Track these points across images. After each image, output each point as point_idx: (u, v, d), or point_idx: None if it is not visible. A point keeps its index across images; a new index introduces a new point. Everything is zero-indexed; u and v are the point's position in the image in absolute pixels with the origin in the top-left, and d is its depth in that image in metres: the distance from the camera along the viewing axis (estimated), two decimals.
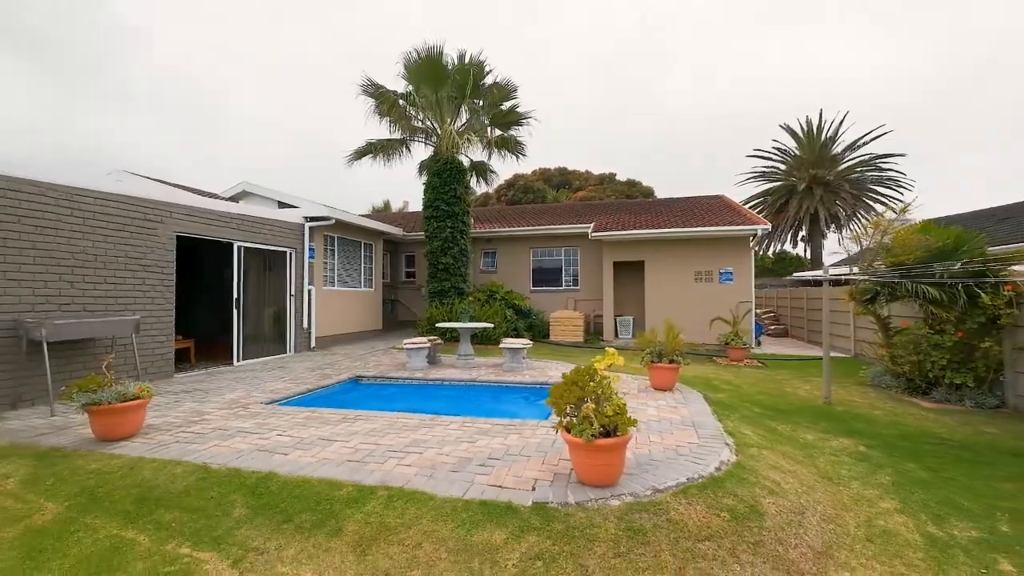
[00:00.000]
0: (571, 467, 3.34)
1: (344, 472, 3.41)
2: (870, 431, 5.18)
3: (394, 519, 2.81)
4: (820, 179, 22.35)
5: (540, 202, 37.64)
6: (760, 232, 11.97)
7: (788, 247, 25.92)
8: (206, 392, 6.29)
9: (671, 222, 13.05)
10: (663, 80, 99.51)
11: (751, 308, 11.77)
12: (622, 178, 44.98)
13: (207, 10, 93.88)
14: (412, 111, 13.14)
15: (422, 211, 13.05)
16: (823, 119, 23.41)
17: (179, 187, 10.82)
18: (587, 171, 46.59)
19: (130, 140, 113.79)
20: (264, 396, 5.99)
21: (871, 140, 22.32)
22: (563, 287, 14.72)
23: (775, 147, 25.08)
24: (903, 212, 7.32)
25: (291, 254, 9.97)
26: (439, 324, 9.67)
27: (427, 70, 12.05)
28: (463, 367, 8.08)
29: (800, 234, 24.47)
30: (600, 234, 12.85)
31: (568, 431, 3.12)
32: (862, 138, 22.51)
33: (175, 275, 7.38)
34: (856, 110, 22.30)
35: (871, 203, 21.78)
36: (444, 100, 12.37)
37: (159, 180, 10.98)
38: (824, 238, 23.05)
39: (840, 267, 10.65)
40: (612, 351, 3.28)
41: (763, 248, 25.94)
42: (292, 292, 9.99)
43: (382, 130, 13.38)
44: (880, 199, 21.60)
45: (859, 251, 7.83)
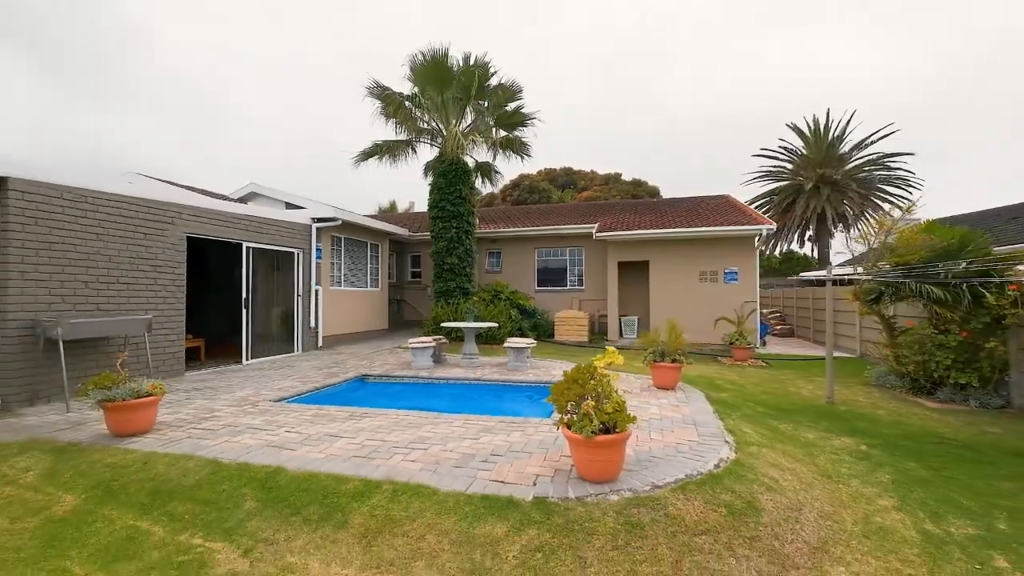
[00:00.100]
0: (572, 463, 3.41)
1: (350, 467, 3.50)
2: (872, 430, 5.19)
3: (399, 512, 2.89)
4: (827, 178, 22.18)
5: (545, 202, 37.68)
6: (765, 232, 11.96)
7: (795, 247, 25.76)
8: (216, 390, 6.42)
9: (675, 222, 13.05)
10: (663, 80, 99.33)
11: (755, 308, 11.76)
12: (627, 178, 44.90)
13: (207, 10, 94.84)
14: (418, 112, 13.25)
15: (428, 212, 13.16)
16: (830, 118, 23.22)
17: (188, 188, 11.00)
18: (592, 171, 46.57)
19: (130, 140, 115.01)
20: (272, 394, 6.11)
21: (879, 139, 22.13)
22: (568, 287, 14.77)
23: (781, 146, 24.92)
24: (907, 212, 7.31)
25: (299, 254, 10.11)
26: (444, 324, 9.77)
27: (433, 72, 12.16)
28: (468, 366, 8.17)
29: (807, 234, 24.30)
30: (605, 234, 12.89)
31: (569, 428, 3.18)
32: (869, 137, 22.31)
33: (186, 275, 7.53)
34: (857, 110, 22.07)
35: (879, 202, 21.60)
36: (449, 101, 12.46)
37: (169, 182, 11.17)
38: (831, 237, 22.88)
39: (847, 267, 10.62)
40: (612, 350, 3.34)
41: (770, 248, 25.79)
42: (299, 292, 10.12)
43: (388, 131, 13.50)
44: (888, 198, 21.42)
45: (864, 251, 7.82)
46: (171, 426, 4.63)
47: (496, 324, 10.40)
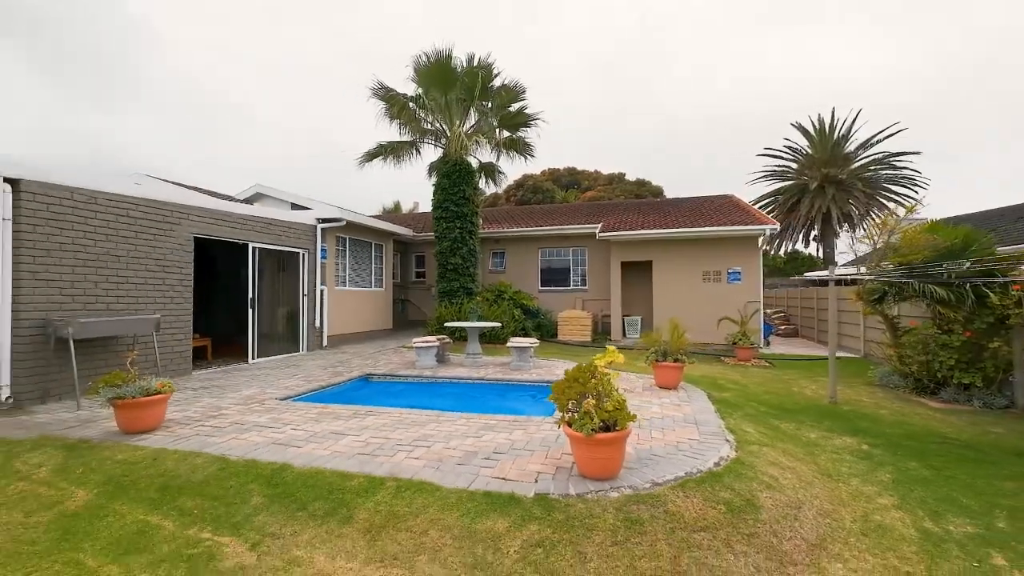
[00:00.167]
0: (573, 461, 3.45)
1: (355, 464, 3.56)
2: (875, 430, 5.20)
3: (402, 508, 2.95)
4: (832, 178, 22.02)
5: (549, 202, 37.69)
6: (769, 232, 11.95)
7: (800, 246, 25.63)
8: (223, 388, 6.51)
9: (679, 222, 13.06)
10: (663, 80, 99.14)
11: (759, 308, 11.75)
12: (631, 177, 44.82)
13: (207, 10, 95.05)
14: (422, 113, 13.32)
15: (432, 212, 13.23)
16: (835, 117, 23.06)
17: (195, 189, 11.13)
18: (596, 171, 46.50)
19: (129, 140, 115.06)
20: (278, 392, 6.19)
21: (884, 138, 21.98)
22: (571, 287, 14.80)
23: (786, 145, 24.73)
24: (910, 212, 7.30)
25: (304, 255, 10.20)
26: (448, 323, 9.83)
27: (436, 73, 12.22)
28: (471, 366, 8.22)
29: (812, 233, 24.18)
30: (608, 234, 12.91)
31: (570, 426, 3.23)
32: (875, 136, 22.15)
33: (193, 275, 7.63)
34: (862, 109, 21.89)
35: (885, 201, 21.46)
36: (453, 102, 12.53)
37: (176, 183, 11.30)
38: (837, 237, 22.75)
39: (851, 267, 10.60)
40: (612, 349, 3.38)
41: (774, 248, 25.68)
42: (305, 292, 10.22)
43: (392, 132, 13.68)
44: (894, 197, 21.30)
45: (868, 251, 7.81)
46: (179, 423, 4.72)
47: (499, 324, 10.46)
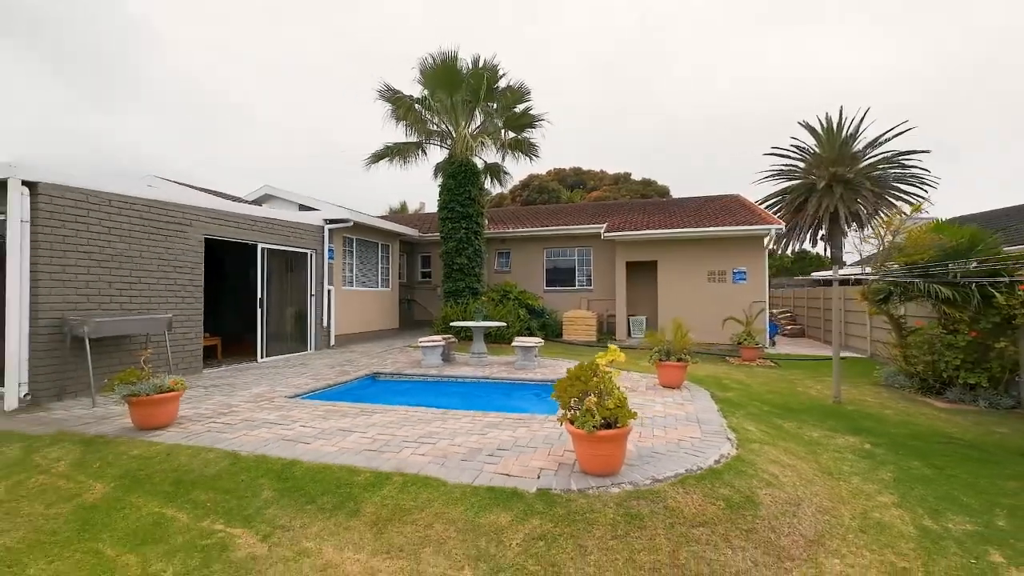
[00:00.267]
0: (575, 458, 3.51)
1: (362, 460, 3.65)
2: (878, 430, 5.21)
3: (408, 502, 3.03)
4: (840, 177, 21.92)
5: (554, 202, 37.73)
6: (774, 232, 11.91)
7: (808, 246, 25.48)
8: (233, 386, 6.64)
9: (684, 222, 13.06)
10: (663, 80, 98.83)
11: (764, 308, 11.73)
12: (637, 177, 44.73)
13: (207, 10, 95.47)
14: (428, 115, 13.42)
15: (438, 212, 13.33)
16: (843, 116, 22.95)
17: (205, 191, 11.31)
18: (602, 171, 46.47)
19: (129, 140, 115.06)
20: (287, 390, 6.30)
21: (894, 136, 21.82)
22: (576, 287, 14.84)
23: (793, 144, 24.66)
24: (915, 211, 7.28)
25: (312, 255, 10.34)
26: (454, 323, 9.92)
27: (442, 75, 12.32)
28: (476, 365, 8.30)
29: (820, 233, 24.04)
30: (613, 234, 12.94)
31: (572, 423, 3.29)
32: (884, 134, 22.01)
33: (203, 276, 7.77)
34: (870, 108, 21.80)
35: (893, 200, 21.30)
36: (459, 104, 12.61)
37: (187, 184, 11.49)
38: (845, 237, 22.62)
39: (858, 267, 10.55)
40: (614, 348, 3.44)
41: (781, 247, 25.56)
42: (312, 292, 10.35)
43: (398, 134, 13.69)
44: (903, 196, 21.12)
45: (872, 251, 7.79)
46: (191, 420, 4.83)
47: (504, 323, 10.53)
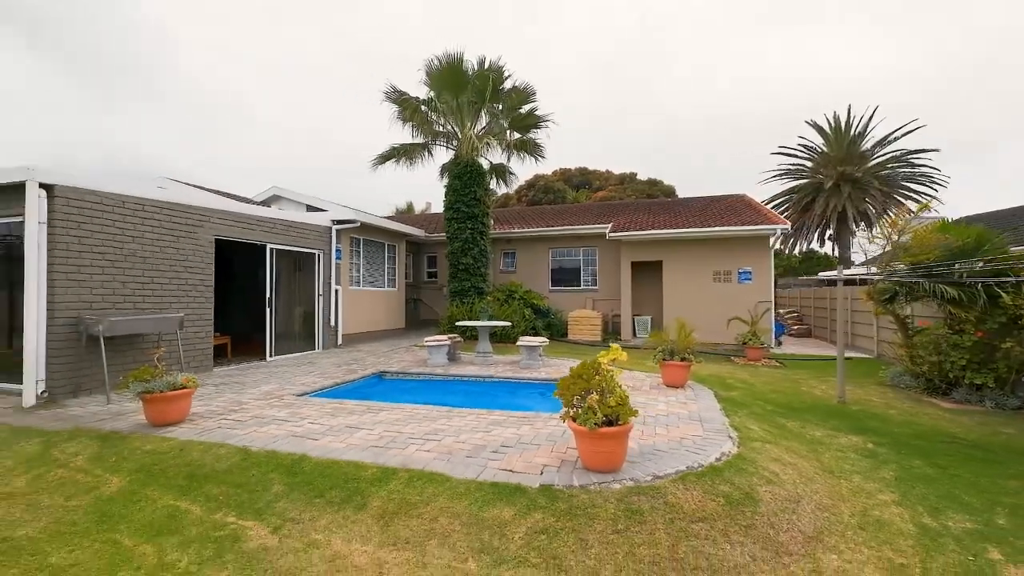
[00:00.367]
0: (577, 454, 3.58)
1: (369, 456, 3.73)
2: (882, 429, 5.22)
3: (414, 496, 3.11)
4: (848, 176, 21.68)
5: (560, 202, 37.72)
6: (780, 231, 11.87)
7: (815, 246, 25.31)
8: (242, 384, 6.76)
9: (689, 222, 13.05)
10: (663, 80, 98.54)
11: (770, 308, 11.70)
12: (643, 177, 44.61)
13: (207, 10, 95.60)
14: (434, 116, 13.54)
15: (443, 213, 13.43)
16: (851, 114, 22.73)
17: (215, 192, 11.49)
18: (607, 171, 46.36)
19: (129, 140, 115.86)
20: (295, 388, 6.41)
21: (903, 135, 21.60)
22: (581, 287, 14.88)
23: (800, 143, 24.48)
24: (920, 211, 7.26)
25: (319, 255, 10.47)
26: (459, 323, 10.01)
27: (448, 76, 12.42)
28: (481, 364, 8.38)
29: (827, 232, 23.86)
30: (618, 234, 12.97)
31: (574, 420, 3.35)
32: (893, 133, 21.81)
33: (213, 276, 7.91)
34: (879, 106, 21.65)
35: (902, 200, 21.10)
36: (464, 105, 12.71)
37: (197, 186, 11.67)
38: (853, 236, 22.46)
39: (865, 267, 10.51)
40: (616, 347, 3.50)
41: (789, 247, 25.39)
42: (320, 292, 10.48)
43: (404, 135, 13.88)
44: (912, 196, 20.92)
45: (877, 251, 7.78)
46: (203, 417, 4.95)
47: (509, 323, 10.59)
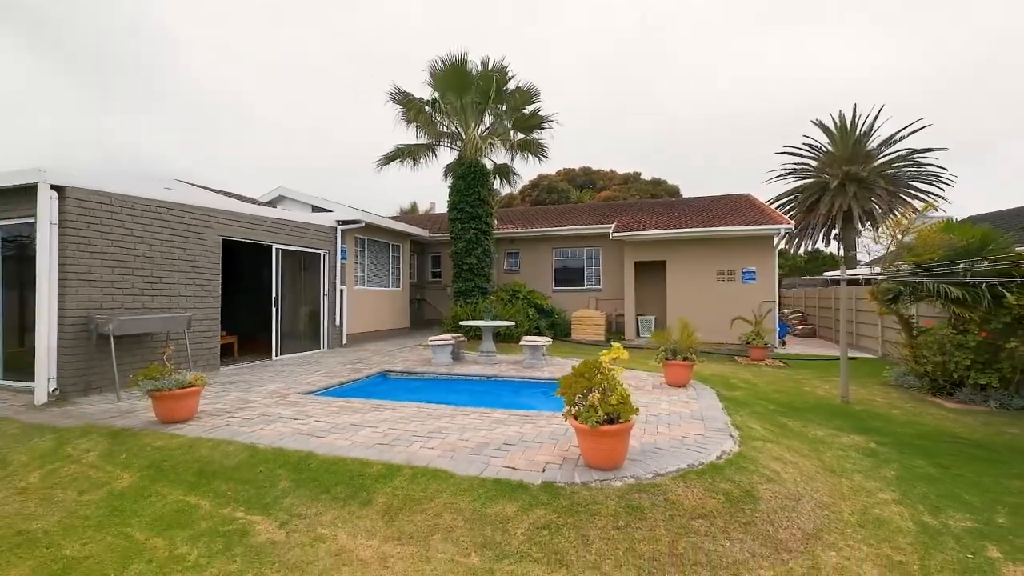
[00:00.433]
0: (579, 452, 3.62)
1: (374, 453, 3.79)
2: (885, 429, 5.23)
3: (418, 492, 3.16)
4: (854, 175, 21.57)
5: (564, 202, 37.75)
6: (784, 231, 11.87)
7: (820, 245, 25.19)
8: (249, 383, 6.85)
9: (692, 222, 13.06)
10: (663, 80, 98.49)
11: (773, 308, 11.69)
12: (647, 177, 44.54)
13: (207, 10, 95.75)
14: (438, 117, 13.60)
15: (447, 213, 13.50)
16: (857, 113, 22.62)
17: (222, 193, 11.60)
18: (611, 171, 46.35)
19: (128, 140, 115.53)
20: (301, 387, 6.49)
21: (909, 134, 21.46)
22: (585, 287, 14.90)
23: (805, 143, 24.37)
24: (925, 211, 7.24)
25: (324, 255, 10.56)
26: (463, 322, 10.06)
27: (452, 77, 12.48)
28: (485, 363, 8.43)
29: (833, 232, 23.74)
30: (621, 234, 12.98)
31: (576, 418, 3.39)
32: (899, 132, 21.67)
33: (220, 275, 8.01)
34: (879, 106, 21.58)
35: (908, 199, 20.96)
36: (468, 106, 12.76)
37: (204, 187, 11.79)
38: (859, 236, 22.33)
39: (870, 266, 10.48)
40: (617, 346, 3.54)
41: (794, 247, 25.31)
42: (325, 291, 10.57)
43: (409, 135, 13.89)
44: (918, 195, 20.79)
45: (881, 251, 7.77)
46: (211, 415, 5.03)
47: (513, 323, 10.64)
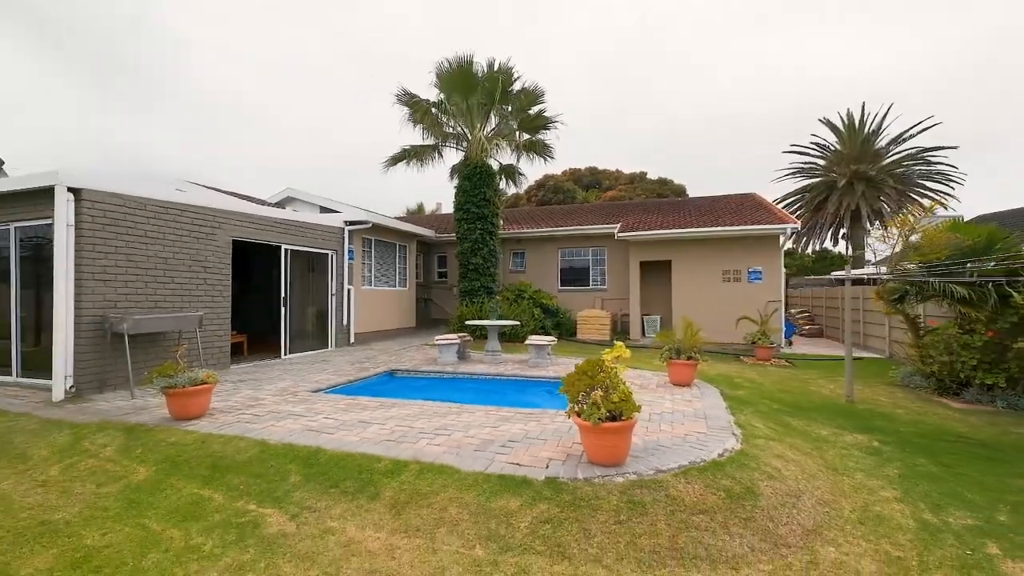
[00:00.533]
0: (582, 449, 3.68)
1: (381, 449, 3.88)
2: (889, 428, 5.24)
3: (424, 487, 3.24)
4: (862, 174, 21.49)
5: (570, 202, 37.77)
6: (790, 231, 11.82)
7: (828, 244, 25.04)
8: (259, 381, 6.97)
9: (697, 222, 13.04)
10: (663, 80, 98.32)
11: (779, 307, 11.65)
12: (653, 176, 44.42)
13: (207, 10, 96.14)
14: (444, 118, 13.70)
15: (453, 214, 13.59)
16: (865, 112, 22.49)
17: (231, 194, 11.77)
18: (617, 170, 46.27)
19: (128, 140, 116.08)
20: (310, 385, 6.60)
21: (918, 132, 21.29)
22: (590, 286, 14.94)
23: (813, 142, 24.26)
24: (932, 209, 7.22)
25: (332, 256, 10.69)
26: (469, 322, 10.15)
27: (458, 79, 12.57)
28: (491, 362, 8.51)
29: (841, 231, 23.59)
30: (626, 234, 13.01)
31: (579, 415, 3.46)
32: (908, 130, 21.50)
33: (231, 276, 8.15)
34: (888, 104, 21.45)
35: (917, 198, 20.78)
36: (474, 107, 12.85)
37: (214, 188, 11.97)
38: (867, 235, 22.16)
39: (876, 266, 10.43)
40: (620, 345, 3.59)
41: (801, 246, 25.17)
42: (333, 291, 10.70)
43: (415, 136, 14.00)
44: (927, 194, 20.60)
45: (886, 250, 7.75)
46: (222, 412, 5.14)
47: (518, 322, 10.71)
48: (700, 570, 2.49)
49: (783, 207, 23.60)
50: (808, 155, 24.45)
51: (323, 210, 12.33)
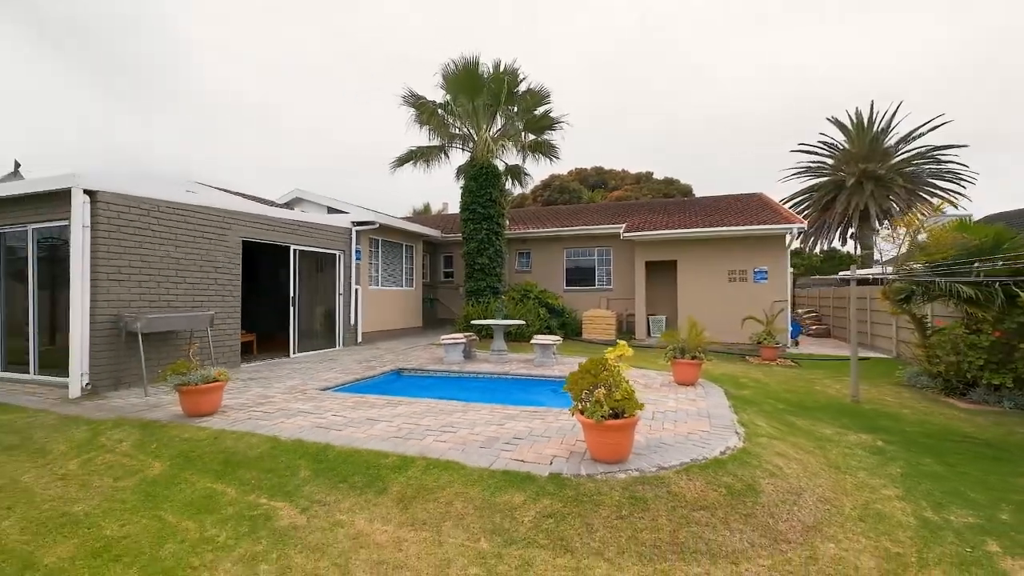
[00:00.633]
0: (586, 446, 3.74)
1: (389, 445, 3.96)
2: (894, 428, 5.24)
3: (431, 482, 3.31)
4: (871, 173, 21.31)
5: (576, 202, 37.75)
6: (796, 230, 11.78)
7: (837, 244, 24.84)
8: (268, 379, 7.09)
9: (703, 222, 13.03)
10: (663, 80, 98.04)
11: (785, 307, 11.62)
12: (659, 176, 44.28)
13: (207, 10, 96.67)
14: (450, 119, 13.79)
15: (459, 214, 13.68)
16: (874, 110, 22.28)
17: (241, 195, 11.94)
18: (623, 170, 46.18)
19: (128, 140, 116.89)
20: (318, 384, 6.71)
21: (928, 131, 21.08)
22: (596, 286, 14.97)
23: (821, 141, 24.08)
24: (939, 209, 7.19)
25: (340, 256, 10.81)
26: (475, 321, 10.22)
27: (464, 80, 12.66)
28: (496, 362, 8.58)
29: (849, 231, 23.40)
30: (632, 234, 13.02)
31: (582, 413, 3.52)
32: (918, 129, 21.29)
33: (241, 276, 8.29)
34: (897, 102, 21.27)
35: (927, 197, 20.57)
36: (480, 108, 12.93)
37: (224, 189, 12.15)
38: (876, 235, 21.97)
39: (883, 266, 10.38)
40: (622, 343, 3.65)
41: (809, 246, 24.99)
42: (341, 291, 10.83)
43: (422, 137, 14.10)
44: (937, 193, 20.39)
45: (895, 251, 7.72)
46: (234, 409, 5.25)
47: (524, 322, 10.76)
48: (700, 564, 2.55)
49: (790, 206, 23.43)
50: (816, 154, 24.28)
51: (330, 211, 12.47)
